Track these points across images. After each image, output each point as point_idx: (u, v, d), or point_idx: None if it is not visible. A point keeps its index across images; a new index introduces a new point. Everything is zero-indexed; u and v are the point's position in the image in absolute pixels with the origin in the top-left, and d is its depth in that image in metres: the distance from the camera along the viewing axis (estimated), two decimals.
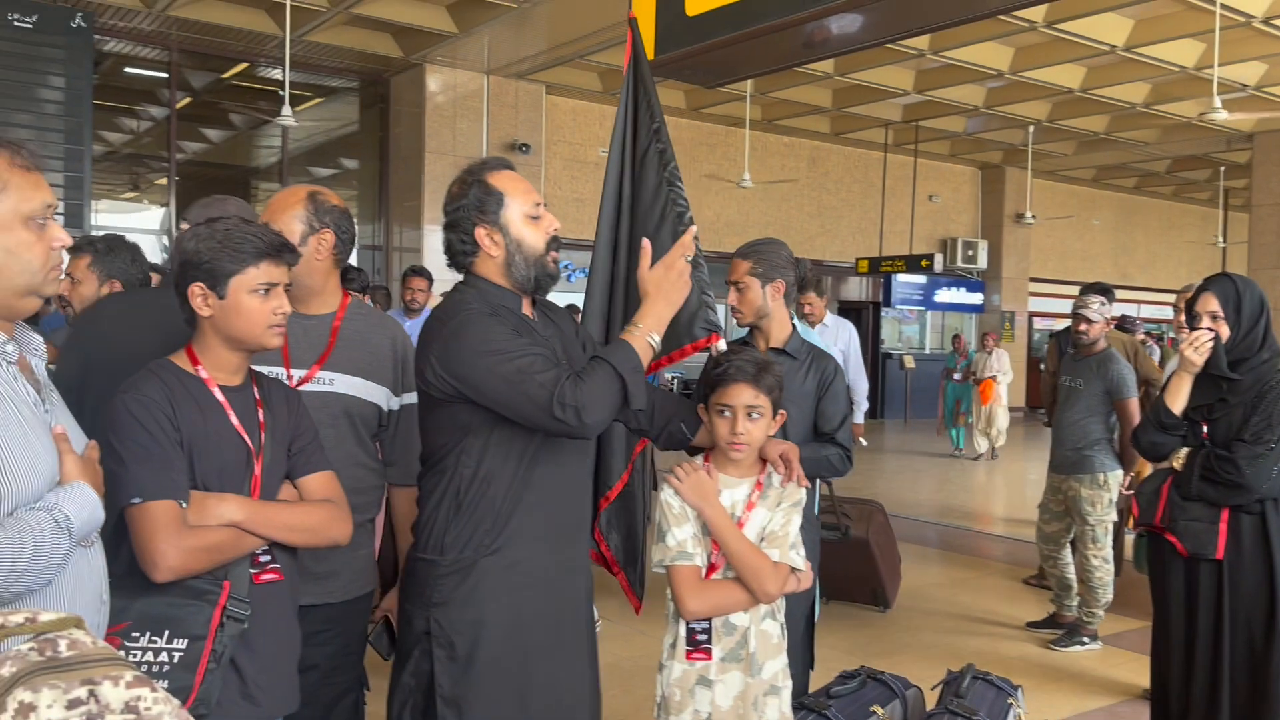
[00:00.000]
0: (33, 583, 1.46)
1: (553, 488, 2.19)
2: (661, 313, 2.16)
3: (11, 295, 1.56)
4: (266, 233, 1.93)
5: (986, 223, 18.17)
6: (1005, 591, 6.26)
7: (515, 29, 10.32)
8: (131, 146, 12.77)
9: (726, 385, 2.34)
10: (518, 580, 2.14)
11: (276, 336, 1.94)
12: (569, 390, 1.98)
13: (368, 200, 12.78)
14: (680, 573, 2.32)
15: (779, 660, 2.39)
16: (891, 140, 15.50)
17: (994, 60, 11.38)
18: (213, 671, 1.78)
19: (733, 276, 3.12)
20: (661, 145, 2.91)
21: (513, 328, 2.12)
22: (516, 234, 2.18)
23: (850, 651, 4.75)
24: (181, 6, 9.69)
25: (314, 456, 2.05)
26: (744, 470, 2.41)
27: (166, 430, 1.82)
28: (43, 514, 1.49)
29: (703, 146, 14.62)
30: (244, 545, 1.87)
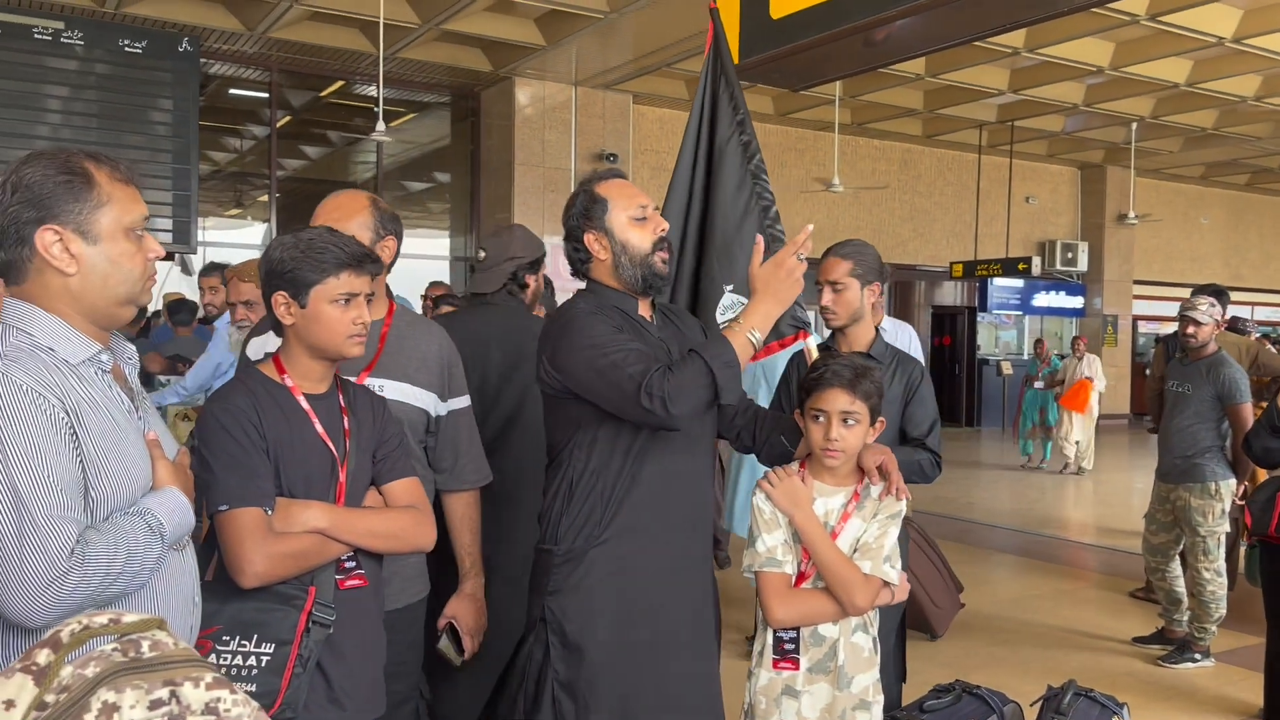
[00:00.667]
0: (127, 585, 1.51)
1: (662, 483, 2.24)
2: (769, 310, 2.16)
3: (113, 304, 1.61)
4: (349, 244, 1.96)
5: (1087, 224, 17.61)
6: (1110, 605, 6.04)
7: (602, 40, 10.39)
8: (235, 165, 13.23)
9: (821, 390, 2.30)
10: (626, 572, 2.21)
11: (356, 346, 1.97)
12: (656, 380, 2.02)
13: (459, 213, 13.00)
14: (768, 580, 2.29)
15: (870, 675, 2.34)
16: (986, 141, 15.15)
17: (1093, 56, 11.03)
18: (299, 676, 1.81)
19: (831, 276, 3.04)
20: (746, 137, 2.87)
21: (615, 325, 2.20)
22: (621, 236, 2.27)
23: (945, 665, 4.63)
24: (281, 28, 10.00)
25: (399, 463, 2.07)
26: (840, 479, 2.36)
27: (253, 439, 1.86)
28: (136, 518, 1.54)
29: (791, 152, 14.50)
30: (329, 551, 1.91)
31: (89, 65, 9.35)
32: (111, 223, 1.58)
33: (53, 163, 1.55)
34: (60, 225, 1.54)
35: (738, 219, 2.86)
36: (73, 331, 1.57)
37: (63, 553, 1.42)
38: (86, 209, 1.56)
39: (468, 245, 12.74)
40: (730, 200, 2.87)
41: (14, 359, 1.48)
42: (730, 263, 2.85)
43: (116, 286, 1.60)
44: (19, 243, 1.53)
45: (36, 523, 1.41)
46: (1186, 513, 4.92)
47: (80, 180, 1.56)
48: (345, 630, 1.92)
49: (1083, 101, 12.82)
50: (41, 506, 1.42)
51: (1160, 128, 14.04)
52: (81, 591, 1.44)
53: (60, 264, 1.55)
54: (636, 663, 2.20)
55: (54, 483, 1.44)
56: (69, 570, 1.42)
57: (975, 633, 5.40)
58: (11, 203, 1.53)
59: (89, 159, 1.58)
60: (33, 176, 1.53)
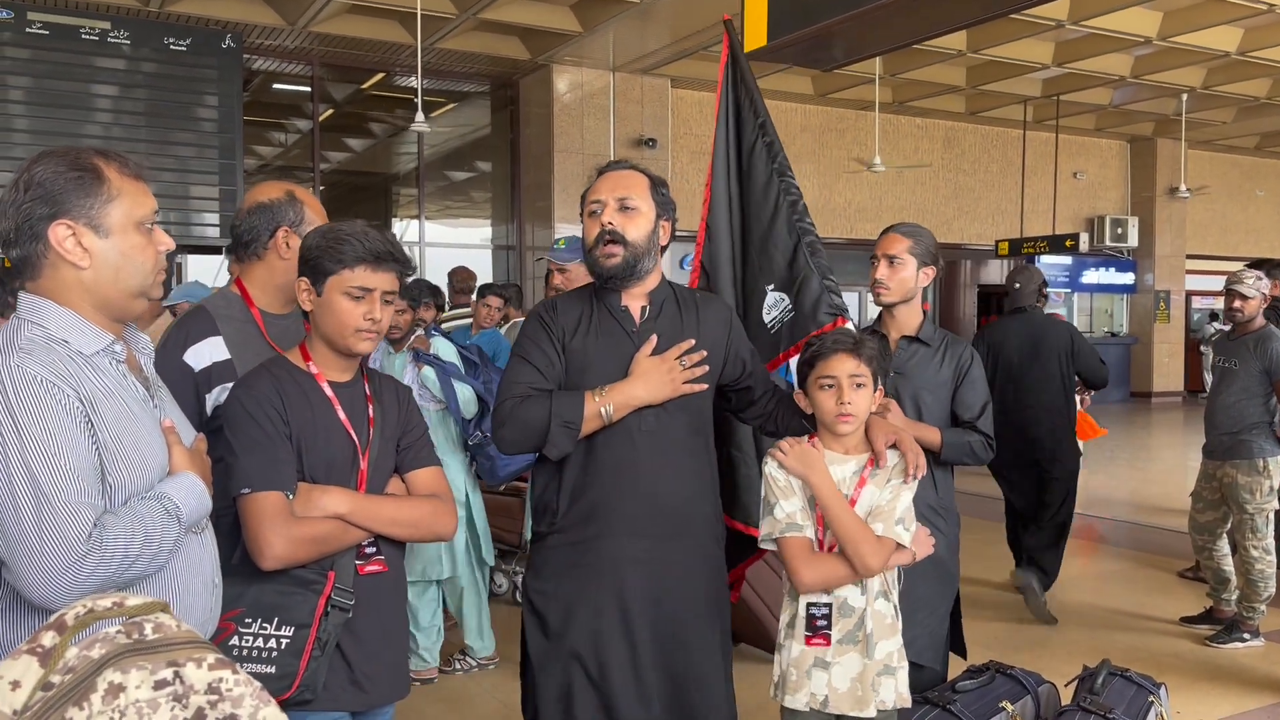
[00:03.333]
0: (145, 568, 1.56)
1: (617, 476, 2.30)
2: (635, 394, 2.28)
3: (125, 296, 1.66)
4: (373, 239, 1.97)
5: (1137, 198, 17.24)
6: (1158, 584, 5.95)
7: (639, 25, 10.36)
8: (280, 159, 13.41)
9: (827, 357, 2.33)
10: (574, 559, 2.31)
11: (365, 342, 1.99)
12: (509, 404, 2.26)
13: (500, 201, 13.06)
14: (792, 544, 2.31)
15: (894, 640, 2.36)
16: (1031, 117, 14.88)
17: (1141, 26, 10.79)
18: (317, 659, 1.86)
19: (890, 250, 3.04)
20: (769, 139, 2.94)
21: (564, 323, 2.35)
22: (585, 232, 2.41)
23: (987, 645, 4.60)
24: (321, 22, 10.10)
25: (422, 452, 2.11)
26: (849, 447, 2.38)
27: (276, 424, 1.90)
28: (153, 503, 1.59)
29: (832, 132, 14.37)
30: (349, 537, 1.94)
31: (135, 64, 9.52)
32: (122, 217, 1.63)
33: (63, 160, 1.60)
34: (72, 220, 1.59)
35: (769, 218, 2.94)
36: (85, 324, 1.62)
37: (80, 537, 1.47)
38: (98, 204, 1.60)
39: (509, 234, 12.81)
40: (760, 201, 2.96)
41: (28, 351, 1.54)
42: (768, 261, 2.93)
43: (128, 279, 1.65)
44: (33, 239, 1.59)
45: (54, 508, 1.47)
46: (1234, 490, 4.83)
47: (90, 176, 1.60)
48: (365, 615, 1.96)
49: (1131, 73, 12.54)
50: (59, 493, 1.48)
51: (1212, 98, 13.70)
52: (100, 574, 1.49)
53: (73, 258, 1.60)
54: (593, 651, 2.27)
55: (70, 470, 1.49)
56: (87, 554, 1.47)
57: (1019, 613, 5.35)
58: (24, 200, 1.58)
59: (98, 155, 1.63)
60: (44, 174, 1.58)
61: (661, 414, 2.31)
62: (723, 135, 3.05)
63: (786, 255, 2.93)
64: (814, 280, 2.83)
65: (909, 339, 3.06)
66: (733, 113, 3.05)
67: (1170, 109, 14.58)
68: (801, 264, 2.87)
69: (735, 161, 3.02)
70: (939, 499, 2.99)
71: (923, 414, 2.98)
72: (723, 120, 3.06)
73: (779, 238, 2.91)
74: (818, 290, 2.83)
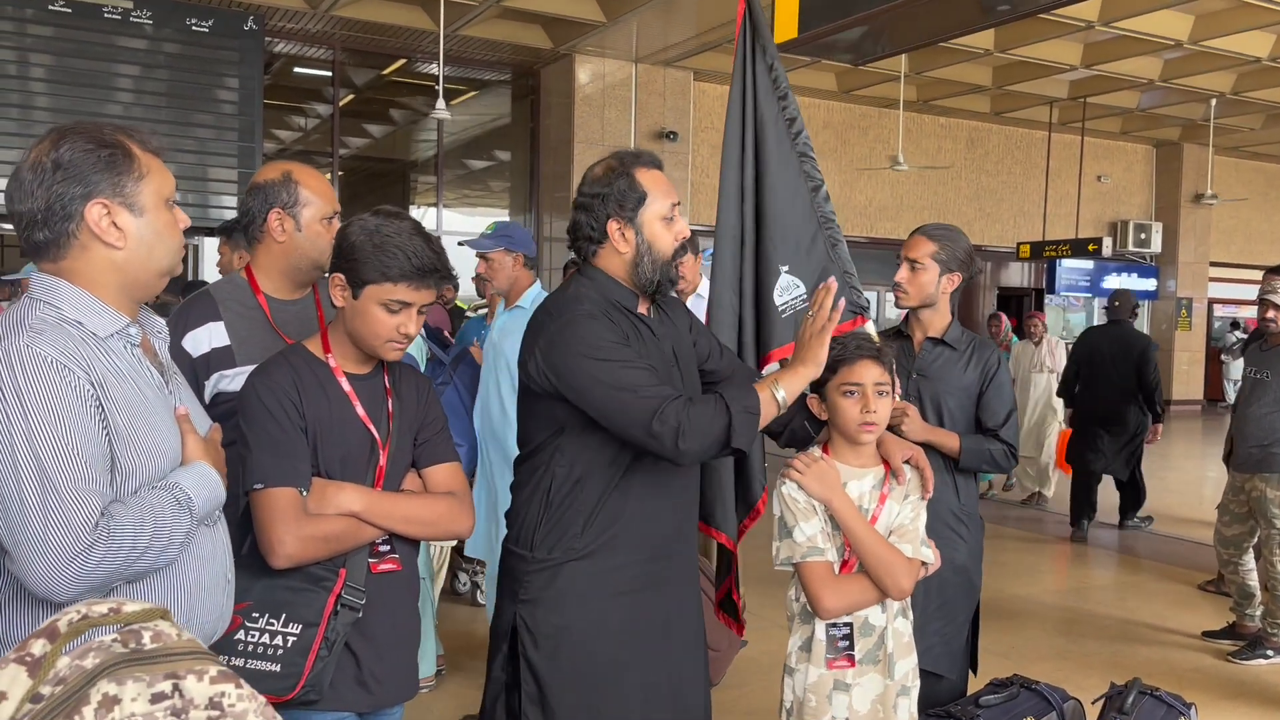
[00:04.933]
0: (155, 560, 1.50)
1: (649, 497, 2.13)
2: (807, 373, 2.13)
3: (154, 275, 1.62)
4: (421, 254, 1.87)
5: (1161, 204, 17.06)
6: (1179, 598, 5.85)
7: (663, 16, 10.27)
8: (300, 143, 13.37)
9: (852, 364, 2.24)
10: (605, 588, 2.10)
11: (394, 352, 1.92)
12: (672, 411, 1.94)
13: (519, 191, 13.00)
14: (813, 569, 2.22)
15: (910, 660, 2.30)
16: (1056, 119, 14.72)
17: (1171, 29, 10.63)
18: (323, 658, 1.80)
19: (912, 253, 2.94)
20: (791, 114, 2.80)
21: (623, 332, 2.07)
22: (650, 235, 2.13)
23: (1005, 656, 4.52)
24: (344, 6, 10.05)
25: (440, 447, 2.04)
26: (866, 460, 2.30)
27: (291, 417, 1.84)
28: (164, 493, 1.52)
29: (855, 129, 14.25)
30: (362, 535, 1.88)
31: (157, 44, 9.50)
32: (153, 194, 1.58)
33: (89, 138, 1.54)
34: (107, 199, 1.54)
35: (788, 199, 2.79)
36: (100, 305, 1.56)
37: (87, 526, 1.41)
38: (130, 182, 1.56)
39: (527, 223, 12.74)
40: (778, 179, 2.80)
41: (39, 331, 1.48)
42: (784, 243, 2.78)
43: (161, 258, 1.61)
44: (65, 219, 1.53)
45: (61, 495, 1.40)
46: (1262, 504, 4.73)
47: (121, 153, 1.56)
48: (377, 614, 1.90)
49: (1159, 77, 12.38)
50: (66, 479, 1.41)
51: (1241, 104, 13.52)
52: (107, 565, 1.43)
53: (110, 238, 1.55)
54: (612, 681, 2.11)
55: (79, 455, 1.43)
56: (93, 543, 1.41)
57: (1038, 624, 5.27)
58: (55, 181, 1.52)
59: (120, 131, 1.58)
60: (73, 153, 1.53)
61: None
62: (735, 108, 2.90)
63: (805, 241, 2.78)
64: (835, 275, 2.71)
65: (934, 341, 2.98)
66: (751, 84, 2.91)
67: (1198, 114, 14.40)
68: (820, 254, 2.75)
69: (753, 137, 2.87)
70: (961, 505, 2.91)
71: (944, 419, 2.90)
72: (736, 91, 2.91)
73: (798, 219, 2.77)
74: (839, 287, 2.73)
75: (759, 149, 2.82)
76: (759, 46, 2.90)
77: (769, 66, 2.87)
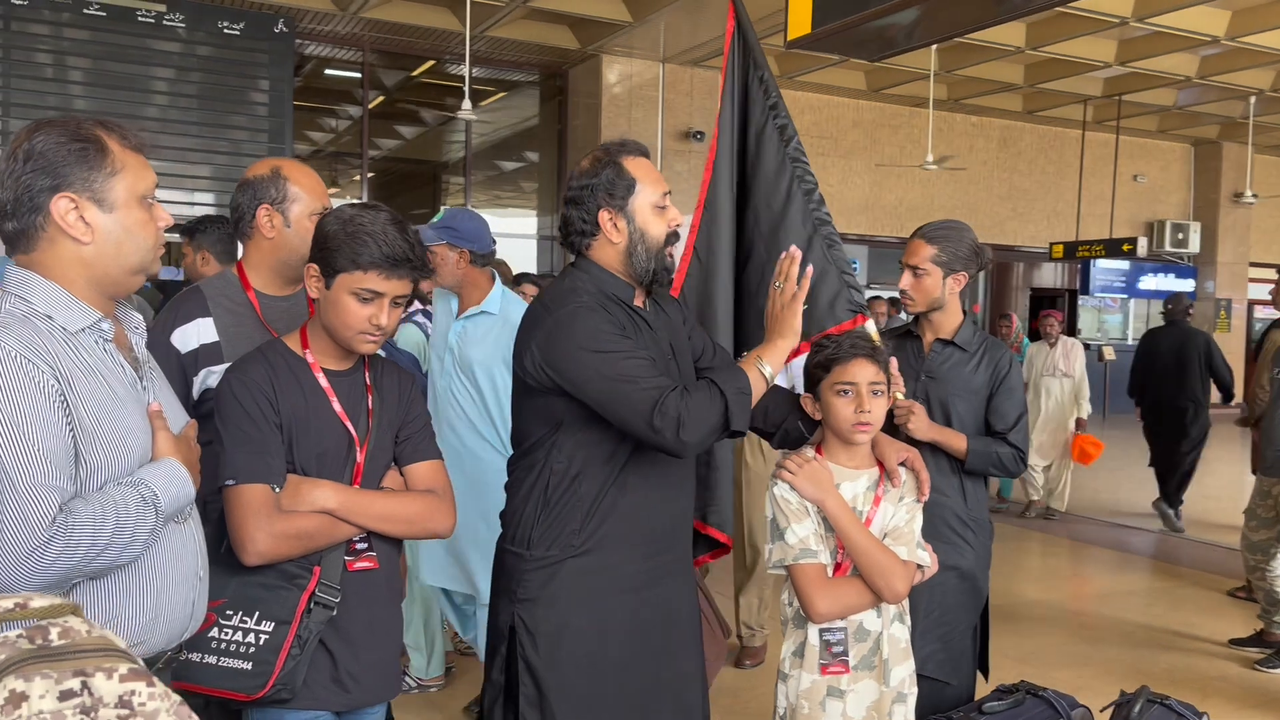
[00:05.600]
0: (118, 557, 1.49)
1: (648, 492, 2.10)
2: (785, 344, 2.12)
3: (125, 273, 1.61)
4: (393, 243, 1.86)
5: (1199, 203, 16.77)
6: (1206, 604, 5.74)
7: (690, 16, 10.24)
8: (331, 145, 13.48)
9: (846, 363, 2.20)
10: (605, 585, 2.07)
11: (366, 344, 1.91)
12: (672, 402, 1.91)
13: (547, 192, 13.03)
14: (805, 572, 2.18)
15: (906, 665, 2.26)
16: (1091, 117, 14.52)
17: (1208, 25, 10.44)
18: (295, 656, 1.79)
19: (912, 260, 2.87)
20: (781, 121, 2.78)
21: (621, 325, 2.05)
22: (641, 223, 2.11)
23: (1022, 660, 4.45)
24: (373, 8, 10.12)
25: (422, 444, 2.03)
26: (860, 461, 2.26)
27: (266, 413, 1.84)
28: (129, 489, 1.52)
29: (884, 128, 14.13)
30: (338, 533, 1.87)
31: (190, 47, 9.63)
32: (126, 191, 1.58)
33: (64, 131, 1.54)
34: (75, 193, 1.54)
35: (781, 205, 2.77)
36: (72, 299, 1.56)
37: (44, 522, 1.40)
38: (101, 177, 1.55)
39: (554, 224, 12.76)
40: (771, 186, 2.78)
41: (4, 325, 1.48)
42: (779, 249, 2.75)
43: (130, 255, 1.60)
44: (32, 211, 1.53)
45: (17, 490, 1.40)
46: None
47: (94, 148, 1.55)
48: (353, 612, 1.89)
49: (1197, 74, 12.16)
50: (23, 474, 1.41)
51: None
52: (65, 562, 1.42)
53: (75, 232, 1.54)
54: (613, 679, 2.08)
55: (38, 450, 1.43)
56: (50, 539, 1.40)
57: (1060, 629, 5.19)
58: (24, 171, 1.52)
59: (100, 126, 1.57)
60: (45, 145, 1.53)
61: None
62: (728, 116, 2.88)
63: (801, 246, 2.79)
64: (832, 274, 2.69)
65: (944, 342, 2.93)
66: (739, 92, 2.89)
67: (1237, 111, 14.15)
68: (818, 256, 2.72)
69: (740, 143, 2.86)
70: (969, 510, 2.86)
71: (953, 420, 2.85)
72: (728, 99, 2.90)
73: (792, 226, 2.75)
74: (837, 285, 2.69)
75: (754, 161, 2.81)
76: (750, 59, 2.89)
77: (759, 77, 2.85)
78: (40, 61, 9.10)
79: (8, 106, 8.92)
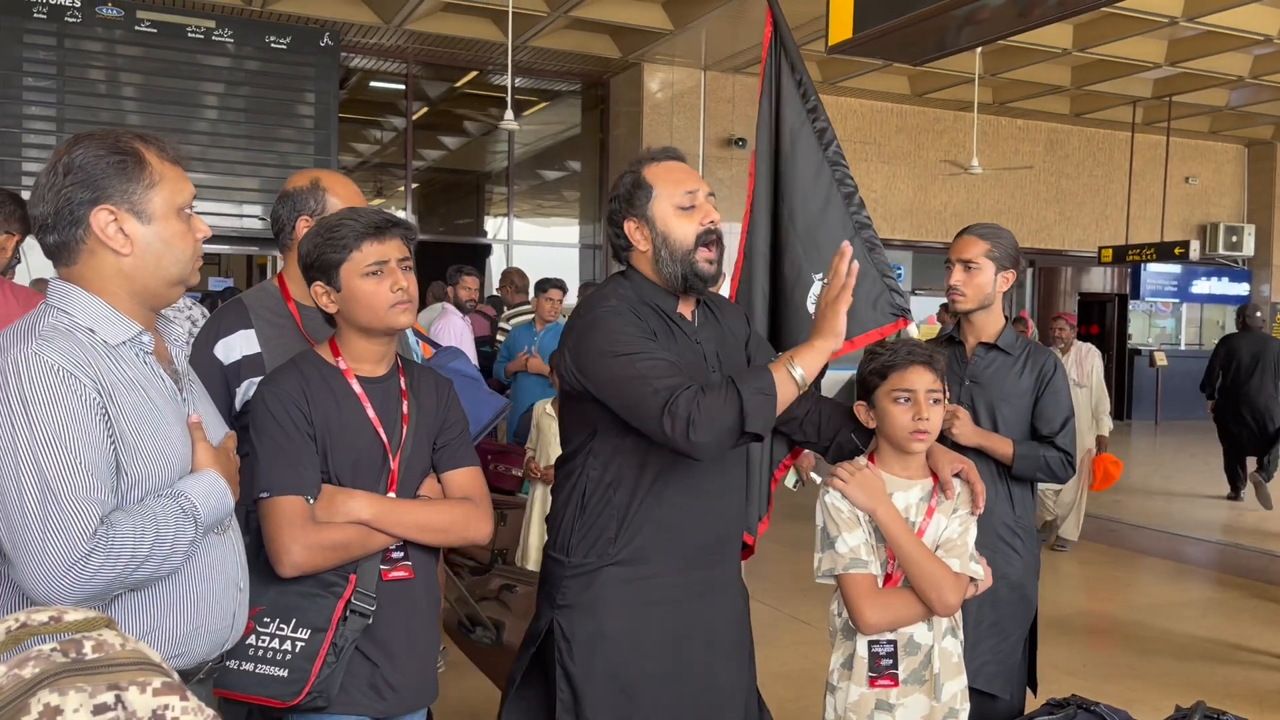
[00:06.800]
0: (158, 568, 1.50)
1: (686, 504, 2.08)
2: (825, 345, 2.02)
3: (164, 284, 1.63)
4: (365, 214, 1.90)
5: (1254, 205, 16.40)
6: (1263, 615, 5.59)
7: (732, 22, 10.23)
8: (376, 156, 13.63)
9: (904, 369, 2.16)
10: (642, 595, 2.06)
11: (404, 314, 1.90)
12: (684, 402, 1.86)
13: (589, 201, 13.06)
14: (856, 582, 2.15)
15: (959, 681, 2.20)
16: (1140, 119, 14.26)
17: (1261, 24, 10.22)
18: (330, 664, 1.79)
19: (965, 254, 2.85)
20: (821, 125, 2.77)
21: (650, 328, 2.03)
22: (663, 227, 2.10)
23: (1073, 672, 4.37)
24: (416, 20, 10.22)
25: (459, 451, 2.02)
26: (914, 471, 2.22)
27: (299, 424, 1.85)
28: (169, 501, 1.53)
29: (928, 133, 14.00)
30: (372, 543, 1.87)
31: (239, 62, 9.80)
32: (164, 203, 1.59)
33: (103, 143, 1.56)
34: (115, 205, 1.55)
35: (820, 207, 2.76)
36: (113, 312, 1.57)
37: (85, 534, 1.42)
38: (140, 189, 1.57)
39: (596, 233, 12.79)
40: (809, 188, 2.77)
41: (48, 339, 1.49)
42: (816, 250, 2.74)
43: (169, 267, 1.61)
44: (73, 224, 1.55)
45: (60, 504, 1.41)
46: None
47: (133, 160, 1.57)
48: (389, 621, 1.89)
49: (1249, 73, 11.91)
50: (66, 487, 1.42)
51: None
52: (106, 574, 1.44)
53: (115, 244, 1.56)
54: (643, 690, 2.06)
55: (80, 463, 1.44)
56: (91, 551, 1.42)
57: (1114, 640, 5.09)
58: (65, 184, 1.54)
59: (138, 139, 1.59)
60: (84, 158, 1.54)
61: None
62: (765, 120, 2.88)
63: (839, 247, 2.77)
64: (872, 276, 2.67)
65: (987, 346, 2.89)
66: (775, 96, 2.89)
67: None
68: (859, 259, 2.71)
69: (775, 146, 2.86)
70: (1017, 518, 2.81)
71: (998, 425, 2.81)
72: (765, 104, 2.90)
73: (831, 228, 2.73)
74: (878, 288, 2.67)
75: (788, 163, 2.80)
76: (787, 62, 2.89)
77: (798, 81, 2.85)
78: (93, 78, 9.30)
79: (62, 122, 9.11)
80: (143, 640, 1.11)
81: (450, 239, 12.86)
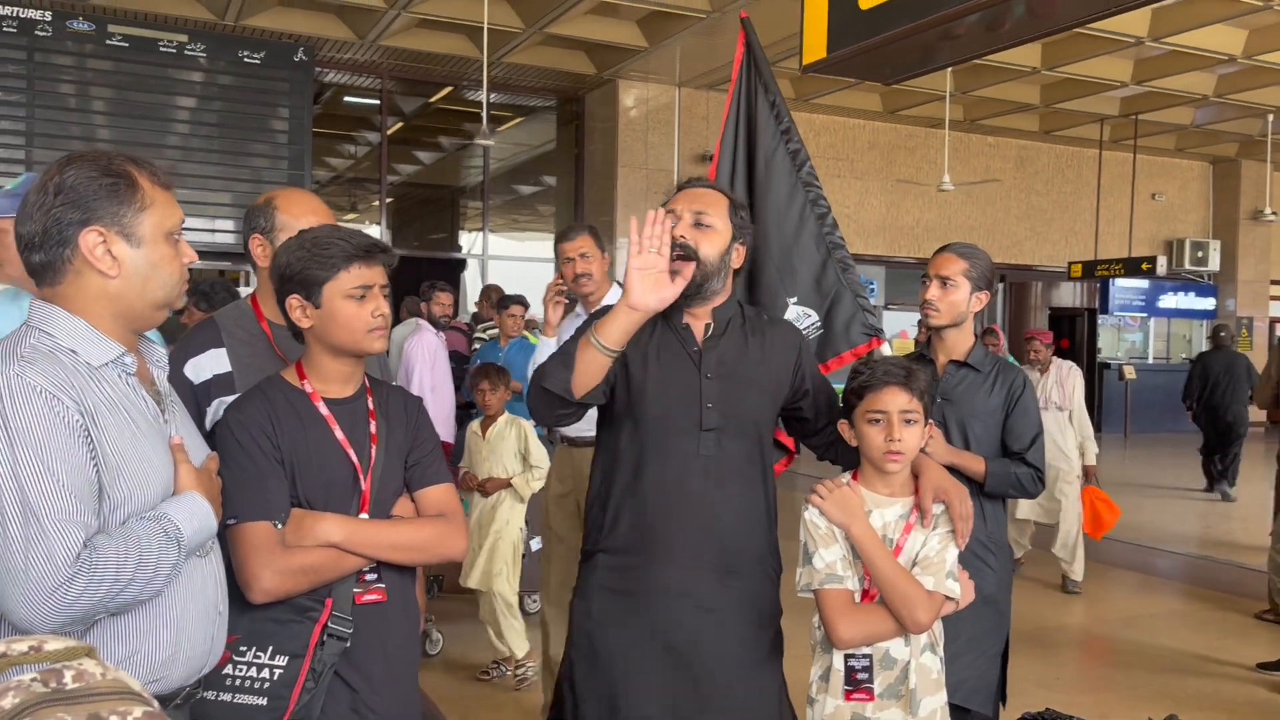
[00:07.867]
0: (141, 592, 1.49)
1: (664, 500, 2.17)
2: (616, 310, 2.02)
3: (149, 307, 1.62)
4: (355, 236, 1.90)
5: (1219, 221, 16.66)
6: (1235, 627, 5.66)
7: (706, 40, 10.29)
8: (350, 171, 13.60)
9: (877, 390, 2.18)
10: (625, 586, 2.18)
11: (378, 340, 1.91)
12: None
13: (564, 216, 13.08)
14: (831, 597, 2.17)
15: (938, 697, 2.21)
16: (1108, 136, 14.48)
17: (1225, 44, 10.42)
18: (310, 690, 1.78)
19: (943, 271, 2.89)
20: (794, 146, 2.80)
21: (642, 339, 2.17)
22: None
23: (1047, 686, 4.40)
24: (391, 36, 10.22)
25: (431, 468, 2.01)
26: (895, 489, 2.23)
27: (265, 449, 1.83)
28: (152, 524, 1.51)
29: (900, 150, 14.14)
30: (344, 565, 1.86)
31: (211, 76, 9.74)
32: (154, 227, 1.59)
33: (95, 165, 1.55)
34: (104, 227, 1.55)
35: (794, 229, 2.78)
36: (95, 334, 1.56)
37: (68, 558, 1.40)
38: (130, 212, 1.56)
39: None
40: (783, 211, 2.79)
41: (30, 360, 1.48)
42: (791, 274, 2.78)
43: (155, 290, 1.61)
44: (61, 244, 1.54)
45: (43, 527, 1.40)
46: None
47: (124, 183, 1.56)
48: (367, 644, 1.87)
49: (1214, 92, 12.13)
50: (48, 511, 1.41)
51: None
52: (89, 598, 1.42)
53: (102, 266, 1.55)
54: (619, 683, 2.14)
55: (63, 486, 1.43)
56: (74, 576, 1.40)
57: (1086, 652, 5.13)
58: (54, 204, 1.53)
59: (130, 162, 1.58)
60: (76, 179, 1.54)
61: (720, 439, 2.19)
62: (730, 140, 2.90)
63: (814, 269, 2.79)
64: (847, 298, 2.70)
65: (957, 364, 2.92)
66: (744, 118, 2.91)
67: (1255, 129, 14.09)
68: (832, 280, 2.74)
69: (747, 169, 2.88)
70: (988, 533, 2.84)
71: (970, 443, 2.84)
72: (731, 124, 2.92)
73: (805, 250, 2.77)
74: (851, 309, 2.70)
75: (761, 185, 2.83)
76: (760, 84, 2.91)
77: (771, 103, 2.87)
78: (64, 92, 9.22)
79: (32, 136, 9.03)
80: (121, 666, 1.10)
81: (425, 254, 12.82)
